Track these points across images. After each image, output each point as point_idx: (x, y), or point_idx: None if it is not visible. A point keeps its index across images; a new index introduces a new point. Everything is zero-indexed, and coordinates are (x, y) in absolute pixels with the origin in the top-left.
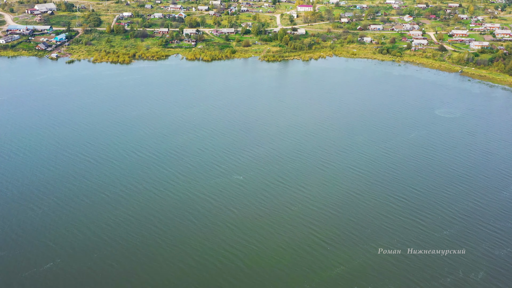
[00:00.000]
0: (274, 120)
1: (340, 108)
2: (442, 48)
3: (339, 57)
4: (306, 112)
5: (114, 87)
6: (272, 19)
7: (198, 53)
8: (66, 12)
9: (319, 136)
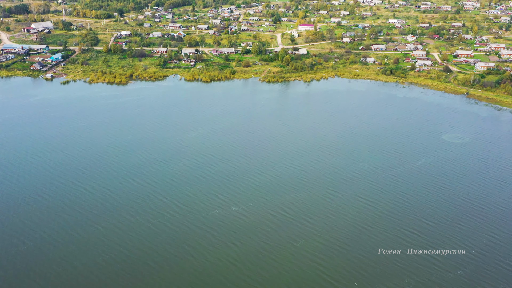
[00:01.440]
0: (276, 145)
1: (344, 132)
2: (447, 69)
3: (341, 78)
4: (309, 136)
5: (109, 110)
6: (273, 39)
7: (197, 74)
8: (63, 30)
9: (323, 163)
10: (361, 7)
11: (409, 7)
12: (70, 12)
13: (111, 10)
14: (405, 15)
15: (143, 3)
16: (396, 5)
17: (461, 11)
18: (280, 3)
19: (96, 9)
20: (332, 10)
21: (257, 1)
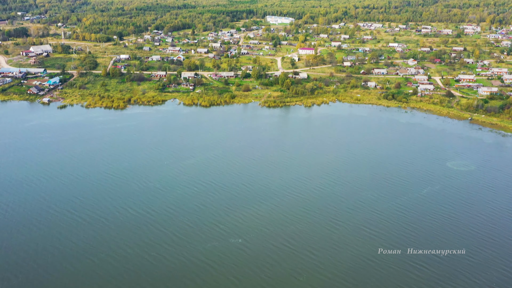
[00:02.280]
0: (277, 172)
1: (347, 159)
2: (450, 94)
3: (342, 103)
4: (311, 163)
5: (106, 135)
6: (273, 62)
7: (196, 98)
8: (62, 54)
9: (326, 191)
10: (361, 31)
11: (409, 31)
12: (70, 36)
13: (111, 34)
14: (405, 39)
15: (143, 27)
16: (396, 29)
17: (461, 35)
18: (280, 27)
19: (95, 32)
20: (332, 33)
21: (257, 24)
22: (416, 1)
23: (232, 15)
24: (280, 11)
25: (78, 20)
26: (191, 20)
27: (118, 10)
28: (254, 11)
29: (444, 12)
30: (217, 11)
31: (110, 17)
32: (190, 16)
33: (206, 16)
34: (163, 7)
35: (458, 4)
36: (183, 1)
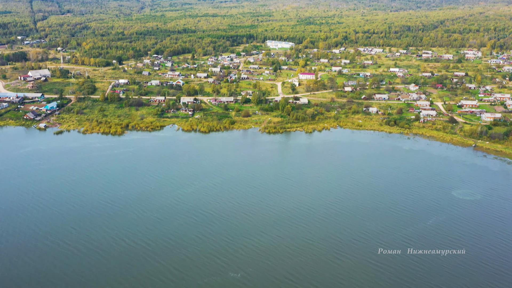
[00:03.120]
0: (278, 201)
1: (350, 187)
2: (453, 120)
3: (344, 129)
4: (313, 191)
5: (103, 162)
6: (273, 87)
7: (195, 124)
8: (60, 78)
9: (329, 221)
10: (362, 56)
11: (410, 55)
12: (69, 60)
13: (110, 58)
14: (406, 64)
15: (142, 51)
16: (397, 54)
17: (462, 60)
18: (281, 51)
19: (95, 56)
20: (332, 58)
21: (257, 49)
22: (416, 26)
23: (232, 39)
24: (280, 35)
25: (78, 45)
26: (191, 44)
27: (118, 35)
28: (254, 36)
29: (444, 37)
30: (217, 35)
31: (110, 42)
32: (190, 40)
33: (206, 40)
34: (163, 31)
35: (458, 29)
36: (183, 26)
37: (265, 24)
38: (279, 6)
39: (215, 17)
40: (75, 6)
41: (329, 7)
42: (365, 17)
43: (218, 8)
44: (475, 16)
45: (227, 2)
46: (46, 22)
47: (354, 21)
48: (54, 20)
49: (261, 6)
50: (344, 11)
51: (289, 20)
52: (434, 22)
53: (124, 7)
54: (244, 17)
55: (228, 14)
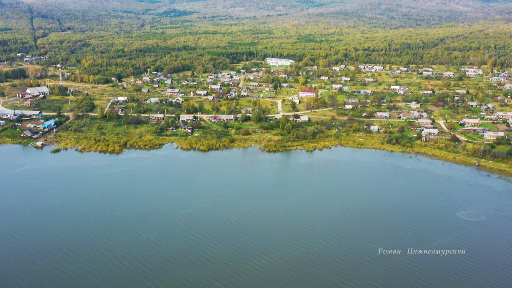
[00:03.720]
0: (279, 221)
1: (352, 208)
2: (455, 138)
3: (345, 147)
4: (315, 212)
5: (100, 181)
6: (273, 105)
7: (194, 142)
8: (59, 96)
9: (332, 243)
10: (362, 73)
11: (410, 73)
12: (68, 77)
13: (110, 75)
14: (407, 82)
15: (142, 68)
16: (397, 71)
17: (463, 78)
18: (281, 69)
19: (94, 74)
20: (333, 76)
21: (257, 66)
22: (416, 44)
23: (232, 57)
24: (280, 53)
25: (77, 62)
26: (191, 61)
27: (118, 52)
28: (254, 53)
29: (444, 54)
30: (217, 53)
31: (109, 59)
32: (190, 57)
33: (206, 58)
34: (163, 48)
35: (458, 47)
36: (183, 43)
37: (265, 42)
38: (279, 23)
39: (215, 34)
40: (76, 23)
41: (329, 24)
42: (365, 34)
43: (219, 25)
44: (475, 34)
45: (227, 20)
46: (46, 39)
47: (354, 38)
48: (54, 37)
49: (261, 24)
50: (344, 28)
51: (289, 37)
52: (434, 39)
53: (124, 24)
54: (244, 34)
55: (228, 32)
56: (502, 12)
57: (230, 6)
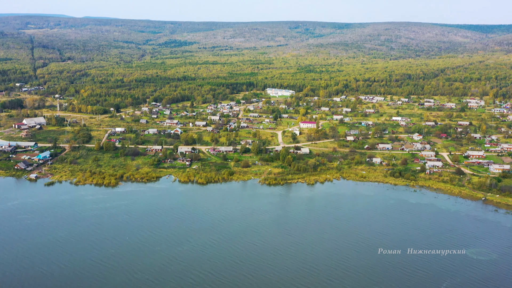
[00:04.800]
0: (281, 260)
1: (356, 245)
2: (460, 172)
3: (347, 180)
4: (318, 249)
5: (94, 216)
6: (274, 136)
7: (192, 175)
8: (56, 126)
9: (335, 284)
10: (363, 104)
11: (412, 104)
12: (66, 107)
13: (108, 106)
14: (408, 113)
15: (141, 99)
16: (398, 102)
17: (466, 109)
18: (281, 99)
19: (92, 104)
20: (333, 107)
21: (257, 97)
22: (417, 75)
23: (232, 87)
24: (281, 83)
25: (76, 92)
26: (191, 92)
27: (118, 82)
28: (254, 84)
29: (446, 85)
30: (216, 83)
31: (108, 89)
32: (190, 88)
33: (205, 88)
34: (162, 79)
35: (459, 78)
36: (183, 73)
37: (265, 72)
38: (279, 54)
39: (215, 65)
40: (76, 53)
41: (329, 55)
42: (365, 65)
43: (219, 55)
44: (475, 65)
45: (228, 50)
46: (46, 69)
47: (354, 69)
48: (54, 67)
49: (261, 54)
50: (344, 59)
51: (289, 68)
52: (434, 70)
53: (125, 55)
54: (244, 64)
55: (228, 62)
56: (501, 43)
57: (231, 37)
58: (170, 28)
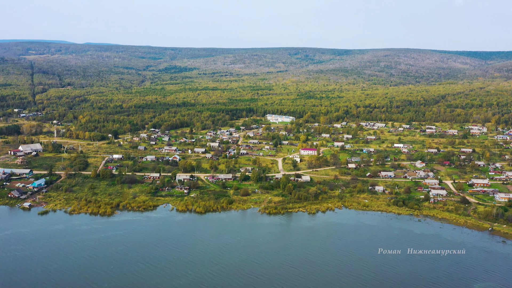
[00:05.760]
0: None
1: (361, 278)
2: (465, 200)
3: (349, 209)
4: (321, 282)
5: (88, 247)
6: (274, 164)
7: (190, 203)
8: (52, 153)
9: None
10: (364, 131)
11: (413, 131)
12: (63, 134)
13: (106, 132)
14: (410, 139)
15: (140, 125)
16: (400, 129)
17: (468, 136)
18: (281, 126)
19: (90, 130)
20: (334, 133)
21: (257, 123)
22: (418, 101)
23: (232, 113)
24: (281, 109)
25: (74, 118)
26: (190, 118)
27: (117, 108)
28: (254, 110)
29: (447, 112)
30: (216, 109)
31: (107, 115)
32: (189, 114)
33: (205, 114)
34: (162, 104)
35: (460, 104)
36: (182, 99)
37: (265, 98)
38: (279, 80)
39: (215, 91)
40: (76, 79)
41: (329, 81)
42: (365, 91)
43: (219, 81)
44: (476, 91)
45: (228, 76)
46: (45, 95)
47: (354, 95)
48: (53, 92)
49: (261, 80)
50: (344, 85)
51: (289, 94)
52: (435, 96)
53: (124, 80)
54: (244, 90)
55: (228, 88)
56: (500, 69)
57: (231, 63)
58: (171, 54)
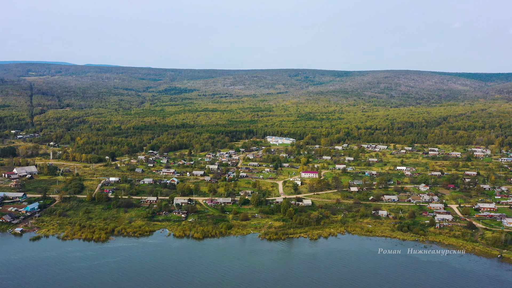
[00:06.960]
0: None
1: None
2: (471, 226)
3: (352, 235)
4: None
5: (80, 276)
6: (274, 187)
7: (188, 229)
8: (47, 176)
9: None
10: (366, 153)
11: (416, 153)
12: (60, 156)
13: (103, 154)
14: (413, 162)
15: (138, 147)
16: (402, 151)
17: (472, 158)
18: (281, 147)
19: (87, 152)
20: (335, 155)
21: (257, 145)
22: (419, 123)
23: (232, 135)
24: (281, 131)
25: (71, 139)
26: (189, 140)
27: (115, 129)
28: (254, 131)
29: (449, 133)
30: (216, 131)
31: (105, 136)
32: (188, 136)
33: (204, 136)
34: (161, 126)
35: (462, 126)
36: (182, 120)
37: (265, 119)
38: (279, 101)
39: (214, 112)
40: (75, 100)
41: (329, 102)
42: (366, 113)
43: (218, 103)
44: (478, 113)
45: (227, 97)
46: (43, 116)
47: (355, 116)
48: (51, 114)
49: (261, 101)
50: (344, 106)
51: (289, 115)
52: (436, 118)
53: (124, 102)
54: (244, 112)
55: (228, 109)
56: (501, 91)
57: (230, 84)
58: (171, 75)
